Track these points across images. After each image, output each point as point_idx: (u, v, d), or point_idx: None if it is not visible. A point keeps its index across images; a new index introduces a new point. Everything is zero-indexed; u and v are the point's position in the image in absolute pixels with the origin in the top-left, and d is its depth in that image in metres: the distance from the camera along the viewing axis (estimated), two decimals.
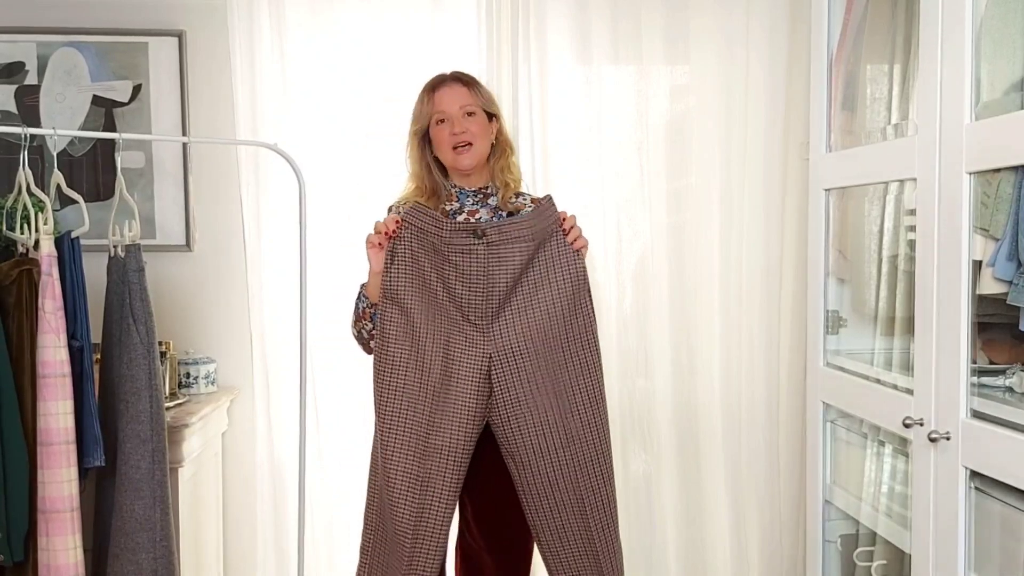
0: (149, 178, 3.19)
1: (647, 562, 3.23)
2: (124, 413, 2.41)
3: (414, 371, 2.13)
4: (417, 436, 2.12)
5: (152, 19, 3.16)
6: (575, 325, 2.17)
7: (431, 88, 2.30)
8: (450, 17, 3.13)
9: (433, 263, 2.13)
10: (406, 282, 2.13)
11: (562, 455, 2.16)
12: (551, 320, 2.14)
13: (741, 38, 3.12)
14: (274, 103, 3.08)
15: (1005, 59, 1.97)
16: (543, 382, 2.15)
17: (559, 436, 2.16)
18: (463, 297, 2.12)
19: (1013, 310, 1.96)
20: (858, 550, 2.63)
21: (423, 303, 2.13)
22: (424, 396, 2.13)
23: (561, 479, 2.16)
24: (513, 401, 2.14)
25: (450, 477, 2.13)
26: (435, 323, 2.13)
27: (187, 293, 3.22)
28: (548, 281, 2.15)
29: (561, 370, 2.17)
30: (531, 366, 2.14)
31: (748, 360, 3.19)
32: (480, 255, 2.11)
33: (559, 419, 2.16)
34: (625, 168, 3.17)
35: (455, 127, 2.24)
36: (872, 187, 2.58)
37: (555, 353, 2.16)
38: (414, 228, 2.13)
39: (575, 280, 2.17)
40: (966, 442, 1.98)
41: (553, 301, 2.15)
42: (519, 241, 2.13)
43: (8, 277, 2.29)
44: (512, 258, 2.12)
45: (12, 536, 2.25)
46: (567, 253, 2.17)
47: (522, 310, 2.14)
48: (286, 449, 3.11)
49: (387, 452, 2.13)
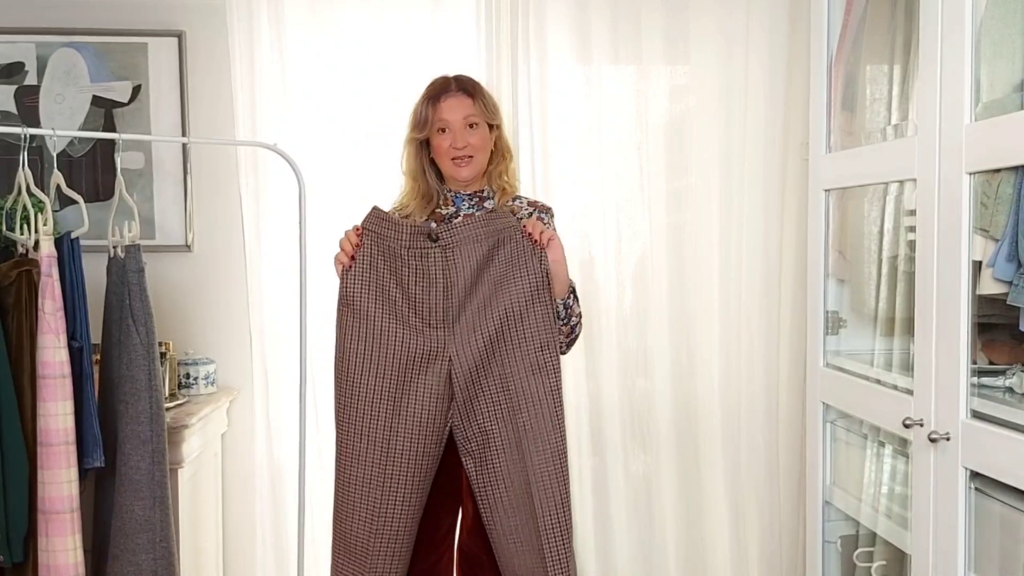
0: (149, 178, 3.19)
1: (647, 562, 3.23)
2: (124, 414, 2.41)
3: (371, 376, 2.14)
4: (374, 441, 2.14)
5: (152, 19, 3.16)
6: (529, 322, 2.14)
7: (435, 96, 2.28)
8: (450, 17, 3.13)
9: (391, 268, 2.15)
10: (362, 287, 2.14)
11: (515, 456, 2.14)
12: (508, 318, 2.13)
13: (741, 38, 3.12)
14: (274, 103, 3.08)
15: (1005, 59, 1.97)
16: (497, 382, 2.15)
17: (511, 436, 2.14)
18: (422, 300, 2.13)
19: (1013, 310, 1.96)
20: (858, 551, 2.63)
21: (380, 309, 2.14)
22: (382, 401, 2.14)
23: (515, 480, 2.15)
24: (469, 400, 2.14)
25: (413, 482, 2.14)
26: (393, 327, 2.14)
27: (187, 293, 3.22)
28: (507, 280, 2.14)
29: (515, 370, 2.14)
30: (487, 366, 2.14)
31: (748, 360, 3.19)
32: (436, 257, 2.13)
33: (511, 418, 2.14)
34: (625, 168, 3.17)
35: (457, 141, 2.24)
36: (872, 187, 2.58)
37: (509, 354, 2.14)
38: (373, 235, 2.15)
39: (533, 279, 2.14)
40: (966, 442, 1.98)
41: (509, 302, 2.13)
42: (473, 242, 2.13)
43: (8, 278, 2.29)
44: (468, 258, 2.13)
45: (12, 536, 2.24)
46: (526, 252, 2.14)
47: (481, 310, 2.14)
48: (286, 449, 3.11)
49: (344, 459, 2.15)
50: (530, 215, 2.30)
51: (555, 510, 2.13)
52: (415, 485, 2.16)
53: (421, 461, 2.15)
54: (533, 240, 2.14)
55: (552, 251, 2.16)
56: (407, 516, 2.16)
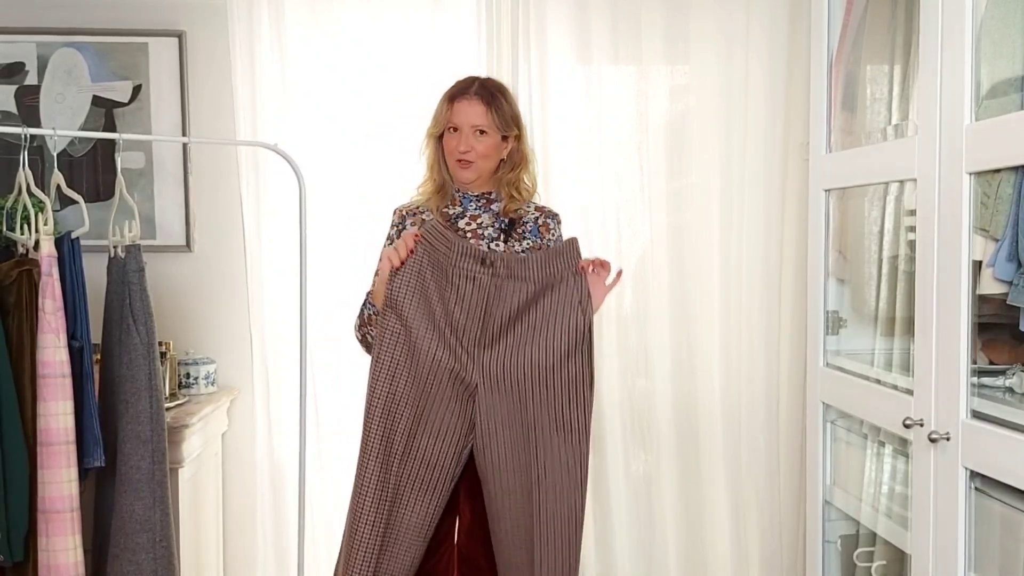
0: (149, 178, 3.19)
1: (647, 562, 3.23)
2: (124, 413, 2.41)
3: (405, 381, 2.15)
4: (397, 445, 2.14)
5: (152, 19, 3.16)
6: (563, 377, 2.12)
7: (453, 96, 2.28)
8: (450, 17, 3.13)
9: (437, 282, 2.14)
10: (408, 294, 2.14)
11: (522, 504, 2.14)
12: (542, 367, 2.11)
13: (741, 38, 3.12)
14: (274, 103, 3.08)
15: (1005, 59, 1.97)
16: (516, 425, 2.14)
17: (523, 485, 2.14)
18: (459, 321, 2.13)
19: (1013, 310, 1.96)
20: (858, 550, 2.63)
21: (421, 318, 2.14)
22: (407, 407, 2.15)
23: (518, 524, 2.15)
24: (489, 433, 2.14)
25: (429, 491, 2.16)
26: (429, 341, 2.14)
27: (187, 293, 3.22)
28: (549, 325, 2.12)
29: (539, 422, 2.13)
30: (511, 405, 2.13)
31: (748, 360, 3.19)
32: (483, 283, 2.12)
33: (524, 468, 2.13)
34: (625, 168, 3.17)
35: (461, 144, 2.25)
36: (872, 187, 2.58)
37: (536, 403, 2.13)
38: (427, 244, 2.15)
39: (575, 335, 2.12)
40: (966, 442, 1.98)
41: (548, 347, 2.12)
42: (524, 281, 2.13)
43: (8, 277, 2.29)
44: (514, 295, 2.12)
45: (12, 536, 2.25)
46: (575, 303, 2.13)
47: (515, 348, 2.13)
48: (286, 449, 3.11)
49: (364, 454, 2.15)
50: (536, 220, 2.31)
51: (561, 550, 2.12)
52: (428, 496, 2.16)
53: (439, 473, 2.15)
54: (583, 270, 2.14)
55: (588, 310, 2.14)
56: (416, 528, 2.17)
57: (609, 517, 3.21)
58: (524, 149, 2.36)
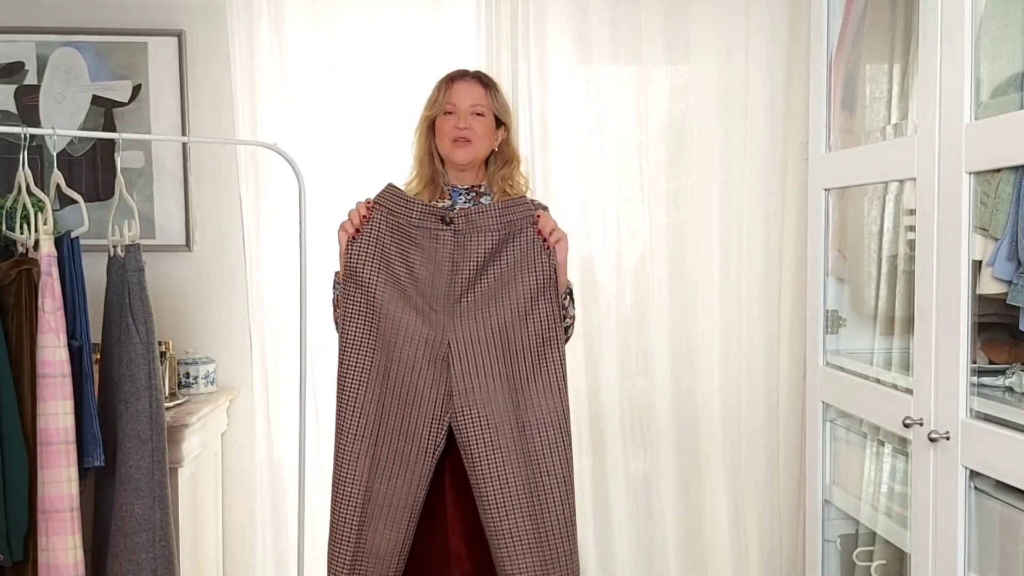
0: (149, 178, 3.19)
1: (647, 562, 3.23)
2: (124, 413, 2.41)
3: (372, 350, 2.13)
4: (370, 417, 2.13)
5: (152, 19, 3.16)
6: (534, 321, 2.13)
7: (450, 79, 2.30)
8: (450, 17, 3.13)
9: (399, 246, 2.14)
10: (368, 262, 2.13)
11: (515, 451, 2.11)
12: (512, 315, 2.12)
13: (741, 38, 3.12)
14: (274, 103, 3.08)
15: (1005, 59, 1.97)
16: (499, 375, 2.13)
17: (513, 431, 2.11)
18: (427, 281, 2.13)
19: (1013, 310, 1.96)
20: (858, 550, 2.63)
21: (384, 284, 2.13)
22: (376, 375, 2.13)
23: (513, 477, 2.11)
24: (467, 390, 2.12)
25: (410, 463, 2.12)
26: (396, 305, 2.13)
27: (187, 293, 3.22)
28: (514, 275, 2.13)
29: (518, 365, 2.13)
30: (487, 357, 2.12)
31: (748, 360, 3.20)
32: (446, 240, 2.12)
33: (512, 413, 2.12)
34: (625, 168, 3.17)
35: (460, 121, 2.25)
36: (872, 187, 2.58)
37: (512, 347, 2.13)
38: (384, 209, 2.14)
39: (541, 277, 2.13)
40: (966, 442, 1.98)
41: (516, 296, 2.12)
42: (486, 231, 2.12)
43: (8, 277, 2.29)
44: (478, 247, 2.12)
45: (12, 536, 2.24)
46: (537, 249, 2.14)
47: (484, 301, 2.13)
48: (286, 449, 3.11)
49: (340, 429, 2.14)
50: None
51: (559, 508, 2.11)
52: (409, 468, 2.12)
53: (416, 444, 2.12)
54: (543, 237, 2.14)
55: (559, 252, 2.15)
56: (401, 501, 2.12)
57: (609, 517, 3.22)
58: (515, 145, 2.39)
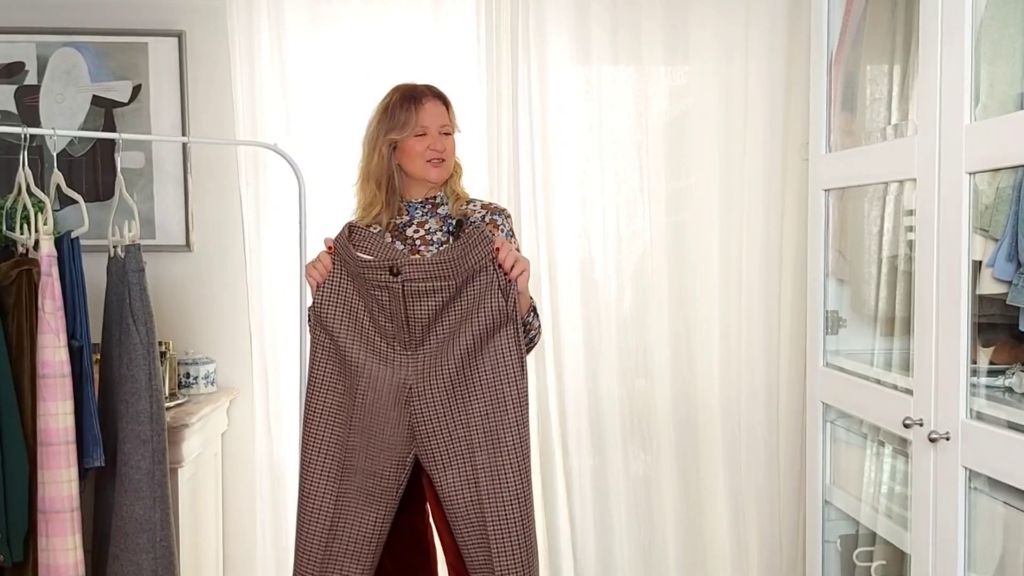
0: (149, 178, 3.19)
1: (647, 562, 3.23)
2: (124, 413, 2.41)
3: (339, 394, 2.17)
4: (333, 458, 2.16)
5: (152, 19, 3.16)
6: (489, 358, 2.11)
7: (415, 99, 2.28)
8: (450, 17, 3.13)
9: (359, 291, 2.15)
10: (333, 307, 2.15)
11: (472, 496, 2.12)
12: (470, 353, 2.11)
13: (741, 38, 3.12)
14: (274, 103, 3.08)
15: (1005, 59, 1.97)
16: (457, 419, 2.13)
17: (469, 475, 2.12)
18: (385, 327, 2.14)
19: (1013, 310, 1.96)
20: (858, 550, 2.63)
21: (349, 330, 2.15)
22: (346, 419, 2.16)
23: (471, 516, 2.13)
24: (429, 435, 2.13)
25: (376, 500, 2.15)
26: (360, 351, 2.15)
27: (187, 293, 3.22)
28: (472, 315, 2.10)
29: (475, 406, 2.12)
30: (446, 399, 2.12)
31: (748, 360, 3.19)
32: (396, 291, 2.09)
33: (468, 458, 2.12)
34: (625, 168, 3.17)
35: (435, 144, 2.25)
36: (872, 187, 2.58)
37: (469, 389, 2.12)
38: (340, 258, 2.15)
39: (500, 316, 2.09)
40: (966, 442, 1.98)
41: (474, 335, 2.10)
42: (439, 279, 2.08)
43: (8, 277, 2.29)
44: (431, 294, 2.09)
45: (12, 536, 2.25)
46: (494, 289, 2.09)
47: (443, 342, 2.12)
48: (286, 449, 3.11)
49: (305, 468, 2.17)
50: (483, 218, 2.27)
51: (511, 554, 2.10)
52: (374, 505, 2.16)
53: (382, 483, 2.15)
54: (504, 272, 2.10)
55: (520, 283, 2.12)
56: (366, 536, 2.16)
57: (609, 517, 3.22)
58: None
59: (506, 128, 3.11)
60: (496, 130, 3.10)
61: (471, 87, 3.09)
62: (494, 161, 3.11)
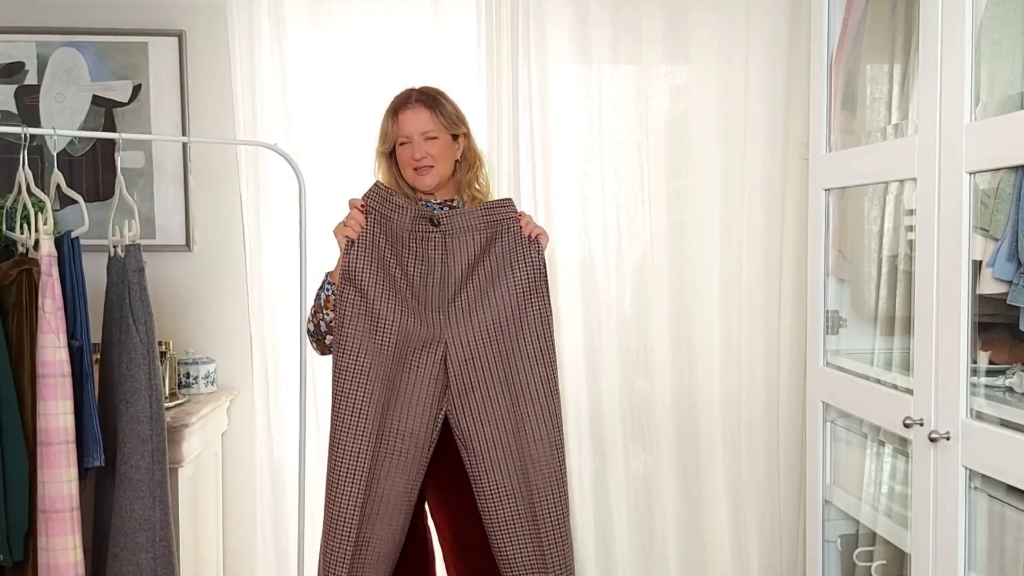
0: (149, 178, 3.19)
1: (647, 562, 3.23)
2: (124, 413, 2.41)
3: (369, 354, 2.16)
4: (370, 418, 2.15)
5: (152, 19, 3.16)
6: (529, 315, 2.21)
7: (394, 110, 2.33)
8: (450, 17, 3.12)
9: (393, 249, 2.18)
10: (366, 265, 2.17)
11: (512, 444, 2.19)
12: (505, 310, 2.19)
13: (741, 38, 3.12)
14: (274, 103, 3.08)
15: (1005, 59, 1.97)
16: (495, 371, 2.19)
17: (509, 425, 2.20)
18: (420, 283, 2.18)
19: (1013, 310, 1.96)
20: (858, 550, 2.63)
21: (382, 287, 2.17)
22: (377, 378, 2.16)
23: (511, 469, 2.19)
24: (465, 389, 2.19)
25: (408, 461, 2.18)
26: (393, 308, 2.17)
27: (187, 293, 3.22)
28: (504, 271, 2.20)
29: (513, 360, 2.20)
30: (484, 355, 2.19)
31: (748, 360, 3.19)
32: (436, 242, 2.19)
33: (510, 408, 2.20)
34: (625, 168, 3.17)
35: (416, 152, 2.28)
36: (872, 187, 2.58)
37: (508, 343, 2.20)
38: (376, 213, 2.18)
39: (531, 271, 2.20)
40: (966, 442, 1.98)
41: (508, 291, 2.19)
42: (473, 231, 2.21)
43: (8, 277, 2.29)
44: (467, 247, 2.20)
45: (12, 536, 2.25)
46: (523, 244, 2.22)
47: (477, 298, 2.19)
48: (286, 449, 3.11)
49: (337, 431, 2.16)
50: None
51: (553, 497, 2.18)
52: (406, 466, 2.18)
53: (418, 441, 2.18)
54: (526, 234, 2.21)
55: (541, 242, 2.24)
56: (397, 499, 2.18)
57: (609, 517, 3.21)
58: (476, 148, 2.41)
59: (506, 128, 3.10)
60: (496, 130, 3.10)
61: (471, 87, 3.09)
62: (494, 161, 3.11)
